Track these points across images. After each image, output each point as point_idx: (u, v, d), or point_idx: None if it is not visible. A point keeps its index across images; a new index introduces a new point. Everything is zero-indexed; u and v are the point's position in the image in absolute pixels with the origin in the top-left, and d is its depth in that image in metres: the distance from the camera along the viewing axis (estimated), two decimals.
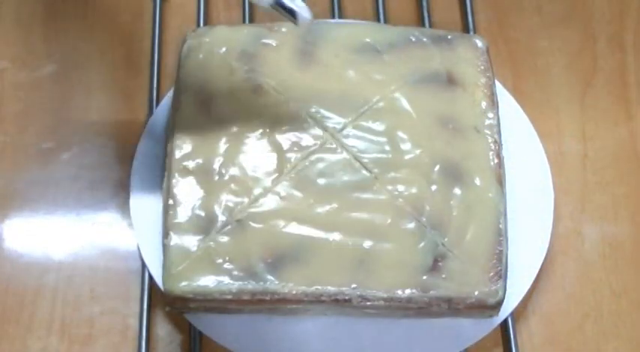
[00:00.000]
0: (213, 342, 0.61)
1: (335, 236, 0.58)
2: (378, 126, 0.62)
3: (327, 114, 0.62)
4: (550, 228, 0.64)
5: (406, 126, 0.62)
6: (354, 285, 0.57)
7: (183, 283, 0.57)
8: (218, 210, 0.59)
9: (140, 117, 0.69)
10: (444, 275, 0.58)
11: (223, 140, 0.61)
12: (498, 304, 0.58)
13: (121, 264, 0.65)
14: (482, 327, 0.61)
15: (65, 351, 0.63)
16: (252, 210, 0.59)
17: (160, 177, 0.62)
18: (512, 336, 0.63)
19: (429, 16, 0.74)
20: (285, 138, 0.61)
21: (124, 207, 0.66)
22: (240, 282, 0.57)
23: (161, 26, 0.73)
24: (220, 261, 0.58)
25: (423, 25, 0.73)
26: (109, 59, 0.72)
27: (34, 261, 0.66)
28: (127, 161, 0.66)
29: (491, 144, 0.61)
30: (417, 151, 0.61)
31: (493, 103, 0.63)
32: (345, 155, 0.61)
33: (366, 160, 0.61)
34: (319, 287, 0.57)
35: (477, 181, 0.60)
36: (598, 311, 0.65)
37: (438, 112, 0.62)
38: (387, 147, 0.61)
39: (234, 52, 0.64)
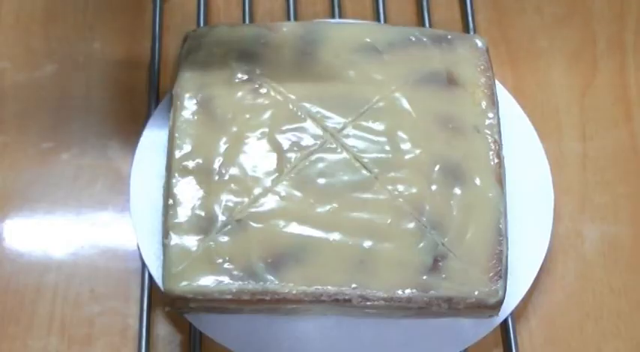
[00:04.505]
0: (213, 342, 0.61)
1: (335, 236, 0.58)
2: (378, 126, 0.62)
3: (327, 114, 0.62)
4: (550, 228, 0.64)
5: (406, 126, 0.62)
6: (354, 285, 0.57)
7: (184, 283, 0.57)
8: (218, 210, 0.59)
9: (140, 117, 0.69)
10: (444, 275, 0.58)
11: (223, 140, 0.61)
12: (498, 304, 0.58)
13: (121, 264, 0.66)
14: (483, 327, 0.61)
15: (65, 351, 0.63)
16: (252, 210, 0.59)
17: (160, 177, 0.62)
18: (512, 336, 0.63)
19: (429, 16, 0.73)
20: (285, 138, 0.61)
21: (124, 207, 0.66)
22: (240, 282, 0.57)
23: (161, 26, 0.73)
24: (220, 260, 0.58)
25: (423, 24, 0.73)
26: (108, 59, 0.72)
27: (34, 260, 0.66)
28: (127, 161, 0.66)
29: (491, 144, 0.61)
30: (417, 151, 0.61)
31: (493, 103, 0.63)
32: (345, 155, 0.61)
33: (366, 160, 0.61)
34: (319, 287, 0.57)
35: (477, 181, 0.60)
36: (598, 311, 0.65)
37: (438, 112, 0.62)
38: (387, 147, 0.61)
39: (234, 52, 0.64)
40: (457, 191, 0.60)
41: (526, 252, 0.62)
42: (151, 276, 0.62)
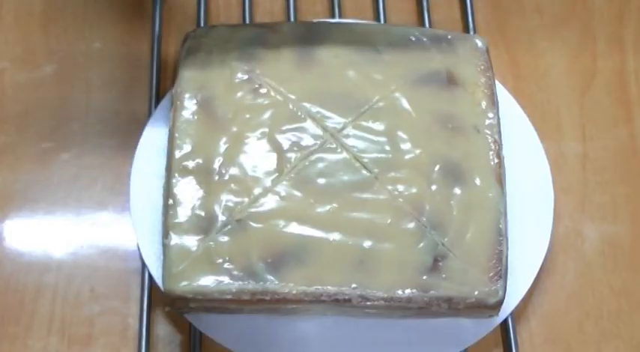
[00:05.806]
0: (213, 342, 0.61)
1: (335, 236, 0.58)
2: (378, 126, 0.62)
3: (327, 114, 0.62)
4: (550, 228, 0.64)
5: (406, 126, 0.62)
6: (354, 285, 0.57)
7: (184, 283, 0.57)
8: (218, 210, 0.59)
9: (140, 117, 0.69)
10: (444, 275, 0.58)
11: (223, 140, 0.61)
12: (498, 304, 0.58)
13: (121, 263, 0.66)
14: (483, 327, 0.61)
15: (65, 351, 0.63)
16: (252, 209, 0.59)
17: (160, 177, 0.62)
18: (512, 336, 0.63)
19: (429, 16, 0.73)
20: (285, 138, 0.61)
21: (124, 207, 0.66)
22: (240, 282, 0.57)
23: (161, 26, 0.73)
24: (220, 260, 0.58)
25: (423, 24, 0.73)
26: (108, 59, 0.72)
27: (34, 260, 0.66)
28: (127, 161, 0.66)
29: (491, 144, 0.61)
30: (417, 151, 0.61)
31: (493, 103, 0.63)
32: (345, 155, 0.61)
33: (366, 160, 0.61)
34: (319, 287, 0.57)
35: (477, 181, 0.60)
36: (598, 311, 0.65)
37: (438, 112, 0.62)
38: (387, 147, 0.61)
39: (234, 52, 0.64)
40: (457, 191, 0.60)
41: (526, 252, 0.62)
42: (151, 276, 0.62)
